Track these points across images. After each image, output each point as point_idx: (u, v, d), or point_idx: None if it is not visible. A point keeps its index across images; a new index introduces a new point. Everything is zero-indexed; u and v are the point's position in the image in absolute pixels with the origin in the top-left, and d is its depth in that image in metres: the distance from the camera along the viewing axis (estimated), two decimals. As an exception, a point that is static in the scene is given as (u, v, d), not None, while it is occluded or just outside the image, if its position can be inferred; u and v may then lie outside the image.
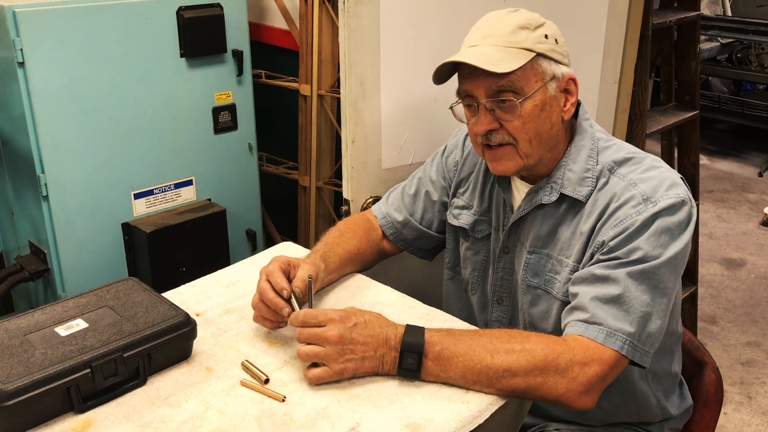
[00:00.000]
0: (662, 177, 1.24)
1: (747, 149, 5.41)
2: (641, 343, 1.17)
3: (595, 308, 1.18)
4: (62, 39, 2.08)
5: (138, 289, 1.31)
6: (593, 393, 1.16)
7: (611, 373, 1.17)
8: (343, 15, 1.62)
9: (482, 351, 1.15)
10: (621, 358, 1.16)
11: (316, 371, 1.16)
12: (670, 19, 2.33)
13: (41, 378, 1.06)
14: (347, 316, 1.17)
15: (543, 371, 1.13)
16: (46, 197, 2.16)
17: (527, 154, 1.28)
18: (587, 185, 1.29)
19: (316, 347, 1.15)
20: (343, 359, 1.14)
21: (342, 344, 1.14)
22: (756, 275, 3.60)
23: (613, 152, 1.31)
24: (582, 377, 1.13)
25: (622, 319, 1.16)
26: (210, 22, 2.35)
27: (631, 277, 1.18)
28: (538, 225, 1.34)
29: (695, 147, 2.62)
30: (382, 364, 1.16)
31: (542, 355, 1.14)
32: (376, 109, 1.71)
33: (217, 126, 2.50)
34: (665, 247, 1.18)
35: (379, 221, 1.59)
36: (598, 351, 1.15)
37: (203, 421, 1.09)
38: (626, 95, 2.01)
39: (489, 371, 1.13)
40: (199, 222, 2.40)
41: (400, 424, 1.08)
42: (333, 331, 1.14)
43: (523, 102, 1.24)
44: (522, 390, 1.14)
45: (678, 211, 1.20)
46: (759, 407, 2.62)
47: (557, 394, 1.14)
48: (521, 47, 1.24)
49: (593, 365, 1.14)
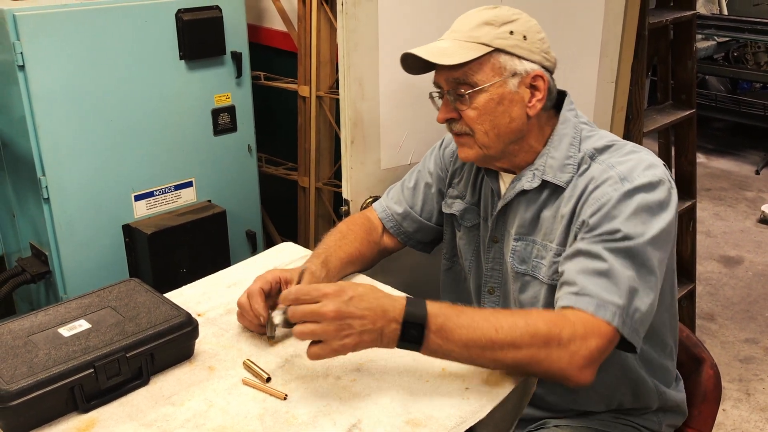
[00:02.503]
0: (640, 159, 1.27)
1: (744, 147, 5.43)
2: (630, 319, 1.17)
3: (583, 281, 1.18)
4: (62, 42, 2.09)
5: (140, 289, 1.32)
6: (593, 367, 1.15)
7: (609, 347, 1.17)
8: (342, 16, 1.62)
9: (485, 323, 1.14)
10: (615, 332, 1.16)
11: (315, 349, 1.11)
12: (667, 18, 2.34)
13: (45, 378, 1.07)
14: (341, 290, 1.12)
15: (546, 344, 1.13)
16: (46, 199, 2.17)
17: (485, 145, 1.34)
18: (568, 171, 1.32)
19: (312, 324, 1.10)
20: (342, 335, 1.10)
21: (340, 319, 1.09)
22: (754, 272, 3.61)
23: (595, 140, 1.33)
24: (584, 350, 1.13)
25: (611, 291, 1.16)
26: (209, 24, 2.36)
27: (615, 254, 1.18)
28: (522, 212, 1.38)
29: (692, 145, 2.63)
30: (381, 337, 1.12)
31: (545, 328, 1.13)
32: (375, 109, 1.72)
33: (217, 128, 2.51)
34: (646, 225, 1.19)
35: (379, 215, 1.61)
36: (596, 324, 1.15)
37: (206, 419, 1.10)
38: (623, 94, 2.02)
39: (493, 345, 1.12)
40: (200, 223, 2.41)
41: (401, 420, 1.09)
42: (329, 306, 1.09)
43: (475, 94, 1.30)
44: (525, 363, 1.14)
45: (655, 189, 1.22)
46: (757, 404, 2.63)
47: (560, 368, 1.14)
48: (478, 42, 1.29)
49: (593, 338, 1.14)
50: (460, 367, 1.21)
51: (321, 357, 1.12)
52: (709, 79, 5.63)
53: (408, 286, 1.50)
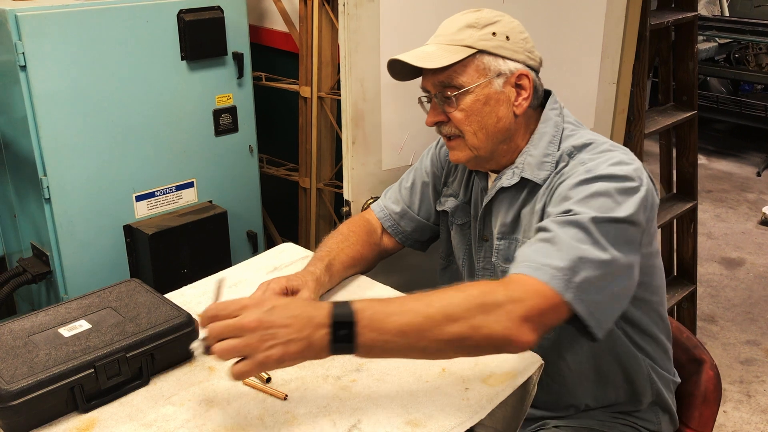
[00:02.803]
0: (612, 156, 1.25)
1: (745, 149, 5.42)
2: (575, 284, 1.12)
3: (527, 251, 1.17)
4: (64, 42, 2.09)
5: (140, 290, 1.32)
6: (534, 327, 1.10)
7: (549, 308, 1.11)
8: (343, 17, 1.63)
9: (417, 303, 1.09)
10: (556, 294, 1.11)
11: (237, 366, 1.03)
12: (668, 19, 2.34)
13: (45, 378, 1.07)
14: (262, 301, 1.06)
15: (482, 308, 1.08)
16: (48, 200, 2.17)
17: (475, 146, 1.36)
18: (546, 169, 1.33)
19: (233, 340, 1.01)
20: (266, 346, 1.01)
21: (262, 329, 1.01)
22: (755, 274, 3.61)
23: (575, 139, 1.34)
24: (520, 309, 1.09)
25: (551, 255, 1.14)
26: (210, 24, 2.36)
27: (562, 225, 1.17)
28: (505, 211, 1.39)
29: (693, 147, 2.63)
30: (311, 345, 1.04)
31: (478, 293, 1.10)
32: (376, 110, 1.72)
33: (218, 128, 2.51)
34: (600, 208, 1.17)
35: (377, 215, 1.62)
36: (533, 284, 1.11)
37: (206, 420, 1.10)
38: (624, 96, 2.02)
39: (429, 321, 1.07)
40: (201, 224, 2.41)
41: (400, 420, 1.09)
42: (250, 317, 1.02)
43: (461, 96, 1.32)
44: (466, 333, 1.08)
45: (618, 181, 1.19)
46: (758, 405, 2.63)
47: (500, 330, 1.08)
48: (462, 44, 1.32)
49: (530, 298, 1.10)
50: (460, 368, 1.21)
51: (246, 374, 1.04)
52: (710, 81, 5.63)
53: (407, 287, 1.49)
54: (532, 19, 1.79)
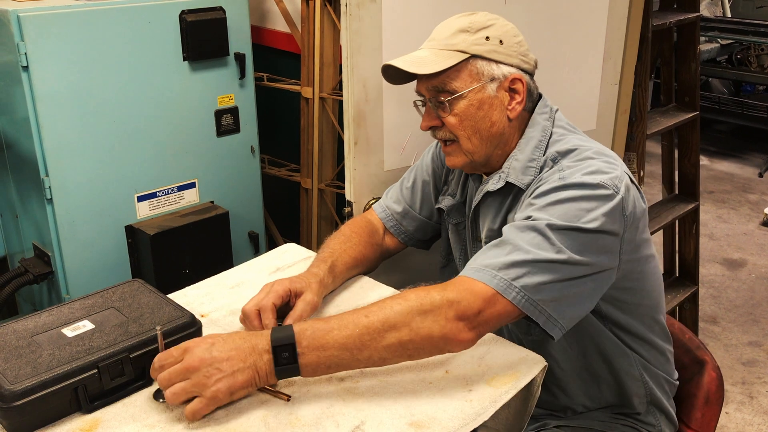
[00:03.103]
0: (591, 164, 1.24)
1: (747, 150, 5.42)
2: (520, 286, 1.13)
3: (478, 255, 1.19)
4: (66, 43, 2.09)
5: (144, 290, 1.32)
6: (472, 327, 1.13)
7: (488, 308, 1.13)
8: (345, 18, 1.63)
9: (355, 316, 1.12)
10: (495, 294, 1.13)
11: (190, 406, 1.07)
12: (670, 20, 2.34)
13: (49, 378, 1.07)
14: (201, 340, 1.10)
15: (419, 312, 1.11)
16: (50, 200, 2.17)
17: (470, 151, 1.36)
18: (530, 174, 1.33)
19: (181, 383, 1.06)
20: (213, 381, 1.06)
21: (206, 366, 1.06)
22: (757, 275, 3.61)
23: (561, 145, 1.33)
24: (456, 310, 1.11)
25: (498, 257, 1.16)
26: (212, 25, 2.36)
27: (517, 228, 1.18)
28: (492, 215, 1.40)
29: (695, 148, 2.63)
30: (257, 372, 1.09)
31: (414, 296, 1.13)
32: (379, 111, 1.72)
33: (220, 129, 2.51)
34: (561, 215, 1.16)
35: (379, 215, 1.62)
36: (470, 284, 1.14)
37: (209, 420, 1.10)
38: (626, 97, 2.02)
39: (369, 331, 1.10)
40: (202, 224, 2.41)
41: (404, 422, 1.09)
42: (192, 358, 1.07)
43: (455, 101, 1.32)
44: (407, 338, 1.11)
45: (590, 189, 1.18)
46: (761, 407, 2.63)
47: (438, 330, 1.11)
48: (455, 49, 1.31)
49: (466, 299, 1.12)
50: (463, 369, 1.21)
51: (200, 412, 1.07)
52: (712, 82, 5.63)
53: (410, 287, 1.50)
54: (535, 20, 1.79)
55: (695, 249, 2.74)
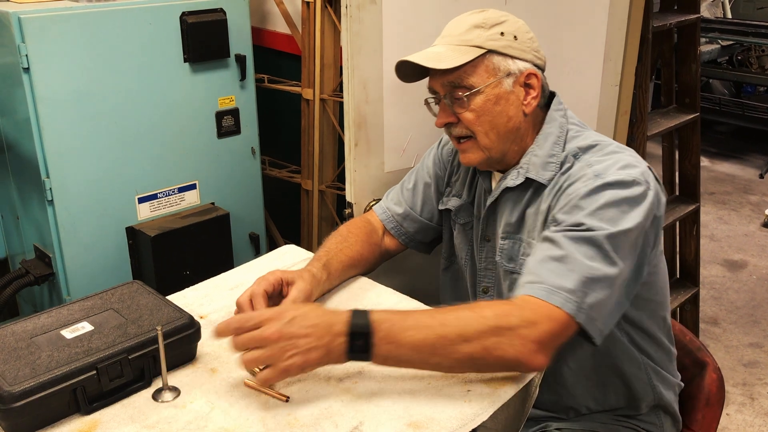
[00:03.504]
0: (619, 158, 1.27)
1: (748, 151, 5.42)
2: (587, 306, 1.15)
3: (539, 269, 1.19)
4: (67, 44, 2.09)
5: (142, 292, 1.32)
6: (546, 351, 1.14)
7: (562, 331, 1.15)
8: (346, 19, 1.63)
9: (432, 321, 1.13)
10: (568, 318, 1.15)
11: (263, 374, 1.11)
12: (671, 21, 2.34)
13: (48, 380, 1.07)
14: (282, 312, 1.12)
15: (495, 332, 1.12)
16: (50, 201, 2.18)
17: (487, 147, 1.35)
18: (551, 170, 1.33)
19: (257, 351, 1.10)
20: (288, 355, 1.09)
21: (283, 340, 1.09)
22: (758, 277, 3.60)
23: (580, 140, 1.34)
24: (533, 334, 1.12)
25: (563, 276, 1.16)
26: (213, 27, 2.36)
27: (574, 241, 1.18)
28: (509, 211, 1.39)
29: (696, 149, 2.63)
30: (330, 353, 1.11)
31: (492, 315, 1.13)
32: (379, 112, 1.72)
33: (221, 130, 2.51)
34: (611, 220, 1.19)
35: (379, 216, 1.62)
36: (546, 309, 1.14)
37: (208, 421, 1.10)
38: (627, 98, 2.02)
39: (443, 340, 1.11)
40: (203, 226, 2.41)
41: (402, 422, 1.09)
42: (271, 329, 1.09)
43: (472, 96, 1.32)
44: (479, 355, 1.12)
45: (628, 187, 1.21)
46: (762, 408, 2.63)
47: (513, 353, 1.12)
48: (471, 45, 1.31)
49: (543, 323, 1.13)
50: (462, 370, 1.21)
51: (270, 381, 1.12)
52: (713, 83, 5.62)
53: (409, 288, 1.50)
54: (535, 21, 1.78)
55: (696, 250, 2.74)
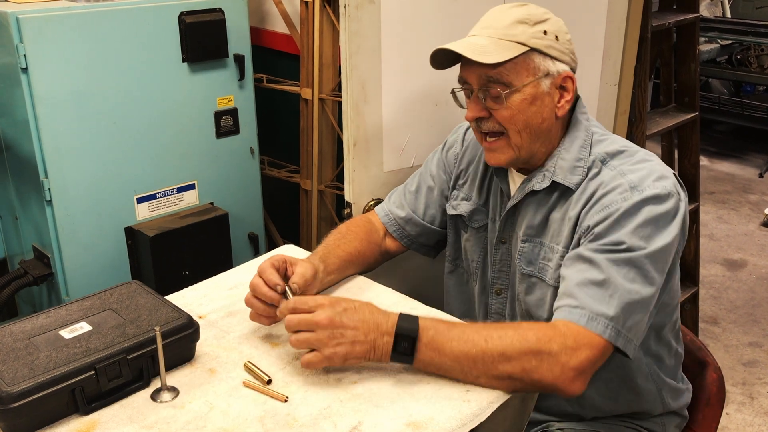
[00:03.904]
0: (652, 168, 1.26)
1: (747, 150, 5.42)
2: (625, 330, 1.17)
3: (579, 292, 1.19)
4: (65, 44, 2.09)
5: (141, 292, 1.32)
6: (584, 377, 1.16)
7: (600, 358, 1.17)
8: (344, 19, 1.63)
9: (476, 336, 1.15)
10: (608, 344, 1.17)
11: (307, 356, 1.15)
12: (670, 21, 2.34)
13: (46, 380, 1.07)
14: (337, 301, 1.17)
15: (536, 355, 1.13)
16: (49, 202, 2.17)
17: (519, 146, 1.33)
18: (578, 174, 1.32)
19: (306, 333, 1.15)
20: (334, 343, 1.14)
21: (332, 328, 1.13)
22: (757, 276, 3.60)
23: (607, 145, 1.33)
24: (574, 361, 1.14)
25: (604, 302, 1.17)
26: (211, 26, 2.36)
27: (615, 263, 1.19)
28: (532, 213, 1.38)
29: (695, 148, 2.63)
30: (374, 349, 1.15)
31: (535, 338, 1.14)
32: (378, 112, 1.72)
33: (219, 130, 2.51)
34: (650, 238, 1.20)
35: (381, 219, 1.61)
36: (587, 336, 1.16)
37: (206, 421, 1.10)
38: (626, 97, 2.02)
39: (484, 356, 1.13)
40: (202, 226, 2.41)
41: (401, 422, 1.09)
42: (322, 315, 1.14)
43: (510, 94, 1.29)
44: (517, 375, 1.14)
45: (664, 202, 1.22)
46: (761, 408, 2.63)
47: (551, 379, 1.14)
48: (515, 41, 1.28)
49: (584, 350, 1.15)
50: (461, 370, 1.20)
51: (313, 365, 1.16)
52: (712, 82, 5.62)
53: (411, 289, 1.49)
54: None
55: (695, 249, 2.74)
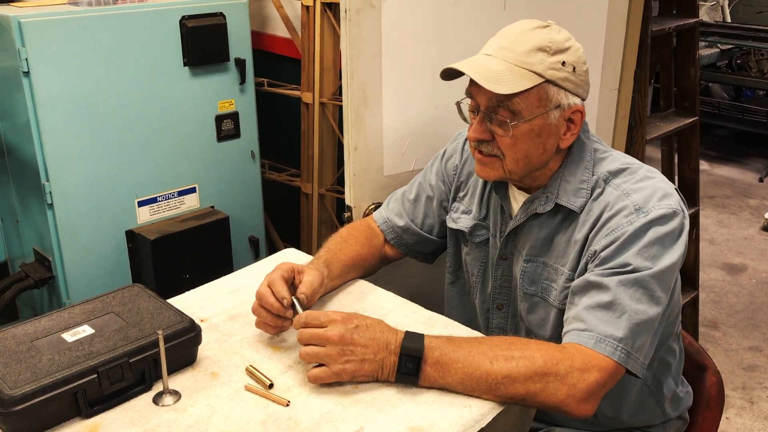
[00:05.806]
0: (655, 187, 1.25)
1: (747, 155, 5.42)
2: (634, 350, 1.17)
3: (588, 316, 1.19)
4: (67, 48, 2.10)
5: (143, 295, 1.32)
6: (593, 400, 1.16)
7: (610, 380, 1.17)
8: (345, 23, 1.63)
9: (481, 357, 1.15)
10: (618, 366, 1.16)
11: (315, 371, 1.17)
12: (670, 25, 2.34)
13: (48, 383, 1.07)
14: (349, 318, 1.18)
15: (542, 377, 1.13)
16: (50, 205, 2.18)
17: (511, 171, 1.31)
18: (582, 196, 1.30)
19: (316, 347, 1.16)
20: (343, 360, 1.15)
21: (342, 344, 1.15)
22: (757, 280, 3.60)
23: (609, 163, 1.32)
24: (582, 384, 1.14)
25: (613, 324, 1.17)
26: (213, 31, 2.37)
27: (623, 285, 1.18)
28: (535, 234, 1.36)
29: (695, 153, 2.63)
30: (381, 369, 1.16)
31: (542, 361, 1.14)
32: (378, 116, 1.72)
33: (220, 134, 2.51)
34: (657, 258, 1.20)
35: (380, 226, 1.61)
36: (596, 358, 1.15)
37: (208, 425, 1.10)
38: (626, 102, 2.02)
39: (488, 378, 1.14)
40: (202, 229, 2.41)
41: (403, 427, 1.09)
42: (334, 331, 1.15)
43: (518, 125, 1.26)
44: (521, 396, 1.14)
45: (669, 221, 1.21)
46: (761, 412, 2.63)
47: (557, 401, 1.14)
48: (531, 70, 1.23)
49: (592, 372, 1.14)
50: (462, 374, 1.20)
51: (321, 380, 1.17)
52: (712, 87, 5.63)
53: (411, 294, 1.49)
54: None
55: (695, 254, 2.74)
